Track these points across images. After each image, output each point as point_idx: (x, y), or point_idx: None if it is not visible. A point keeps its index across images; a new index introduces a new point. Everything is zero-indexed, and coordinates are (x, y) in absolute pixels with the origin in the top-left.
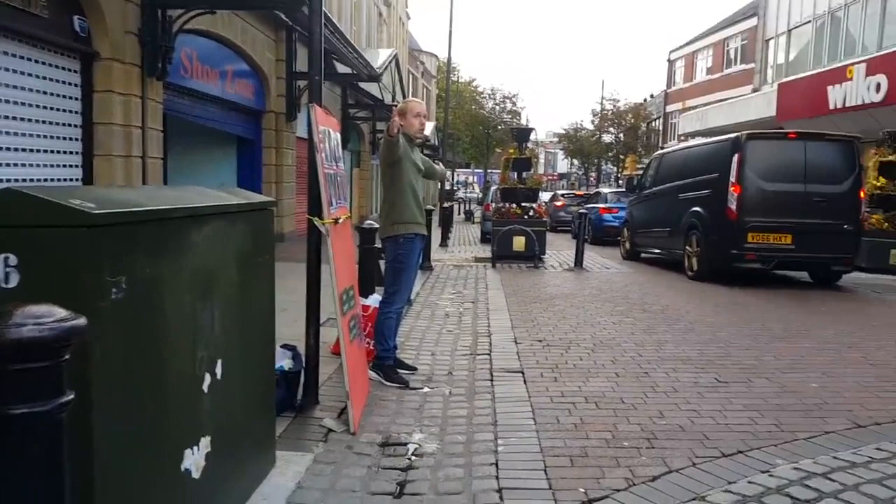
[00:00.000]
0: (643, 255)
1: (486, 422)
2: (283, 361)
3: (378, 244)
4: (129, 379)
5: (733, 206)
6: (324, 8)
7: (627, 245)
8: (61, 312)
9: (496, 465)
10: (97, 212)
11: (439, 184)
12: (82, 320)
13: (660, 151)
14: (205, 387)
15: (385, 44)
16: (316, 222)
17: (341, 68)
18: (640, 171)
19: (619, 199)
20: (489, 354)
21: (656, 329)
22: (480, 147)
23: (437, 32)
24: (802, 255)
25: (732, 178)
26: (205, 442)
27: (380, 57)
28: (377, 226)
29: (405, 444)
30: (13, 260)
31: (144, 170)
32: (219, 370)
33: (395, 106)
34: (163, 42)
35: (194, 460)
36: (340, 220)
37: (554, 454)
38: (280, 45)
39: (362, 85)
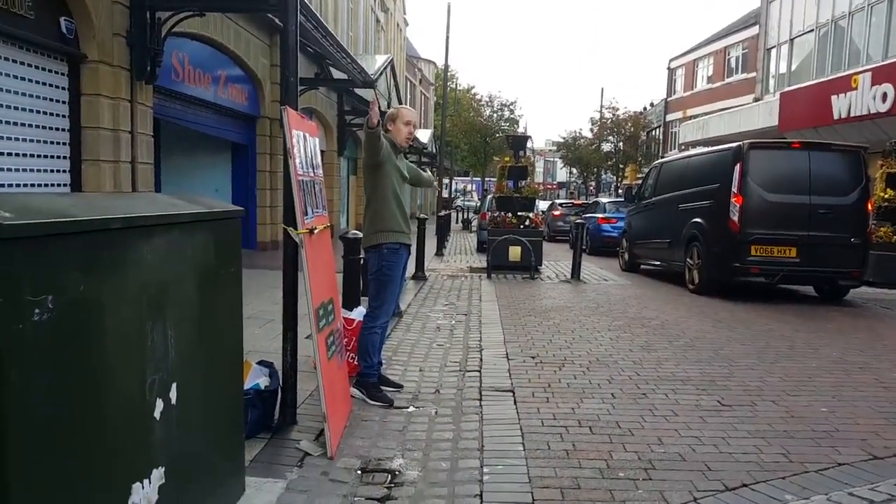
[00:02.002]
0: (643, 266)
1: (472, 446)
2: (260, 379)
3: (363, 255)
4: (59, 408)
5: (735, 218)
6: (318, 13)
7: (626, 256)
8: None
9: (480, 496)
10: (11, 223)
11: (436, 192)
12: None
13: (660, 160)
14: (157, 413)
15: (382, 50)
16: (290, 232)
17: (337, 74)
18: (640, 181)
19: (618, 209)
20: (479, 371)
21: (655, 346)
22: (479, 155)
23: (436, 39)
24: (808, 269)
25: (734, 189)
26: (157, 474)
27: (375, 63)
28: (361, 235)
29: (385, 471)
30: None
31: (134, 175)
32: (173, 395)
33: (387, 111)
34: (152, 45)
35: (144, 494)
36: (317, 230)
37: (543, 485)
38: (274, 49)
39: (359, 91)
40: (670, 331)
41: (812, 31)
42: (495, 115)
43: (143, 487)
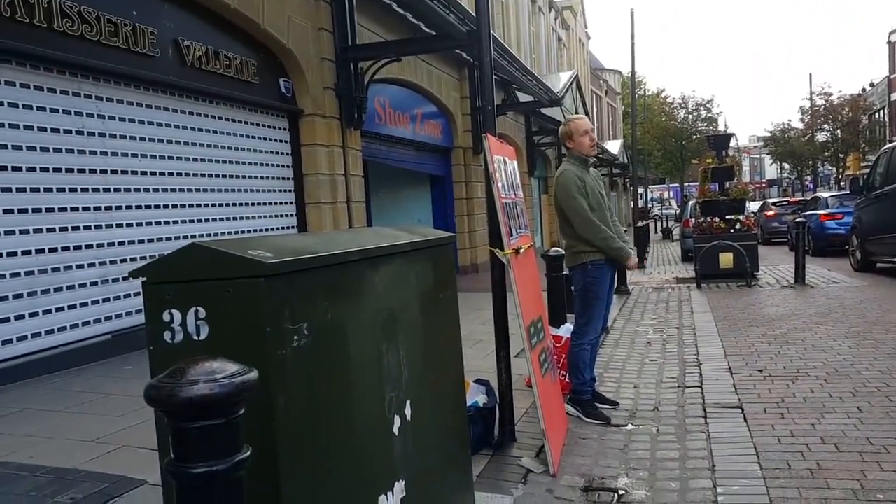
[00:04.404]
0: (879, 265)
1: (701, 466)
2: (478, 397)
3: (566, 271)
4: (316, 426)
5: None
6: (503, 41)
7: (858, 254)
8: (232, 367)
9: None
10: (273, 261)
11: (631, 202)
12: (253, 374)
13: (890, 145)
14: (395, 429)
15: (565, 67)
16: (497, 253)
17: (523, 97)
18: (867, 170)
19: (843, 203)
20: (700, 387)
21: None
22: (674, 160)
23: (620, 47)
24: None
25: None
26: (399, 487)
27: (560, 81)
28: (563, 252)
29: (610, 490)
30: (202, 313)
31: (350, 214)
32: (408, 411)
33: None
34: (357, 94)
35: None
36: (522, 250)
37: None
38: (463, 82)
39: (545, 111)
40: None
41: None
42: (690, 116)
43: (387, 499)
